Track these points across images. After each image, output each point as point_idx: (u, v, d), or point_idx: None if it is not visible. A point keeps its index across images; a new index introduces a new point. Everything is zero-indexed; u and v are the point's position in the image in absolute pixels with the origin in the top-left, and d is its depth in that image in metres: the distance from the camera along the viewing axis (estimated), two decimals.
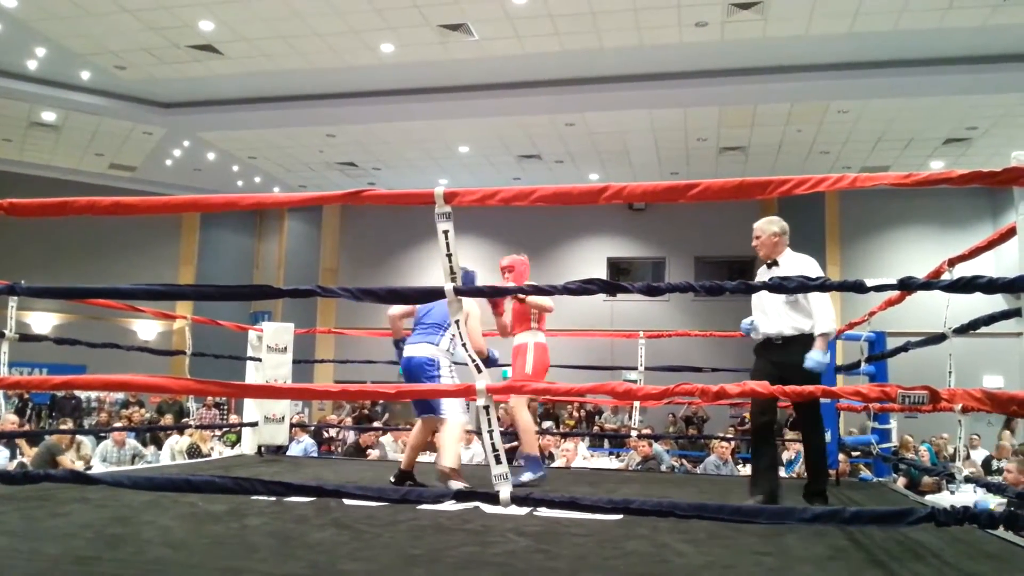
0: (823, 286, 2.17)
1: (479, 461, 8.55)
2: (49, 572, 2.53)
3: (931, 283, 2.25)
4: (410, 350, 4.90)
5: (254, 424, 6.73)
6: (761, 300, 4.34)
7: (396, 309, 5.19)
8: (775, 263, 4.34)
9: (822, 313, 4.14)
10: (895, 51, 10.77)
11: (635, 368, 6.84)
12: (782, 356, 4.21)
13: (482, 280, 5.25)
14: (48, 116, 13.86)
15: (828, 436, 5.51)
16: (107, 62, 11.97)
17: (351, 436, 10.54)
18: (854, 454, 6.53)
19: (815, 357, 4.05)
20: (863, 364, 5.52)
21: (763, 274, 4.35)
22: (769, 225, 4.43)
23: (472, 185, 2.59)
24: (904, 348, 4.64)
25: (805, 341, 4.14)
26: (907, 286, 2.26)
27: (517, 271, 5.23)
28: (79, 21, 10.58)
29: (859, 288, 2.20)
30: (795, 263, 4.28)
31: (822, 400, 5.19)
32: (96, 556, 2.78)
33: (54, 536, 3.07)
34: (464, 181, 16.07)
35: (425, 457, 6.76)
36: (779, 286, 2.13)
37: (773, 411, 4.35)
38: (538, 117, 13.28)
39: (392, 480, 4.89)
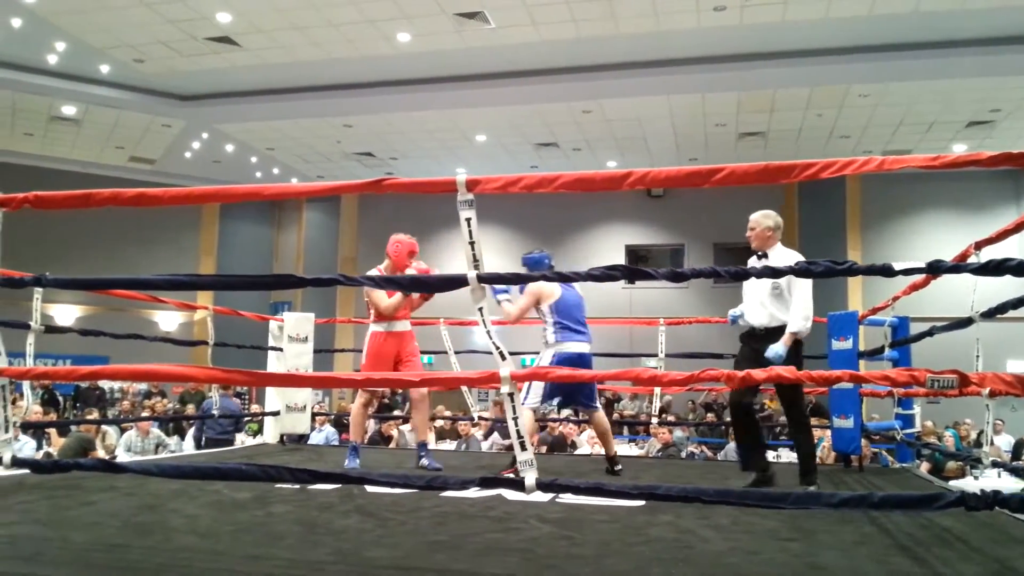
0: (850, 270, 2.15)
1: (497, 448, 8.58)
2: (79, 560, 2.56)
3: (960, 266, 2.22)
4: (583, 347, 5.01)
5: (276, 413, 6.78)
6: (750, 290, 4.49)
7: (520, 305, 5.08)
8: (765, 255, 4.46)
9: (798, 309, 4.25)
10: (916, 33, 10.62)
11: (655, 355, 6.81)
12: (762, 346, 4.34)
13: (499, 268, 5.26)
14: (68, 110, 13.97)
15: (851, 422, 5.49)
16: (126, 55, 12.04)
17: (372, 425, 10.59)
18: (874, 438, 6.48)
19: (776, 349, 4.21)
20: (887, 349, 5.46)
21: (753, 264, 4.47)
22: (765, 219, 4.56)
23: (489, 174, 2.57)
24: (930, 332, 4.59)
25: (783, 333, 4.27)
26: (936, 269, 2.24)
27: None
28: (98, 15, 10.64)
29: (887, 272, 2.18)
30: (784, 258, 4.38)
31: (845, 385, 5.17)
32: (125, 544, 2.81)
33: (83, 524, 3.10)
34: (481, 170, 16.01)
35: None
36: (806, 270, 2.11)
37: (752, 393, 4.63)
38: (555, 105, 13.23)
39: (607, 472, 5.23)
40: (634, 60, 11.72)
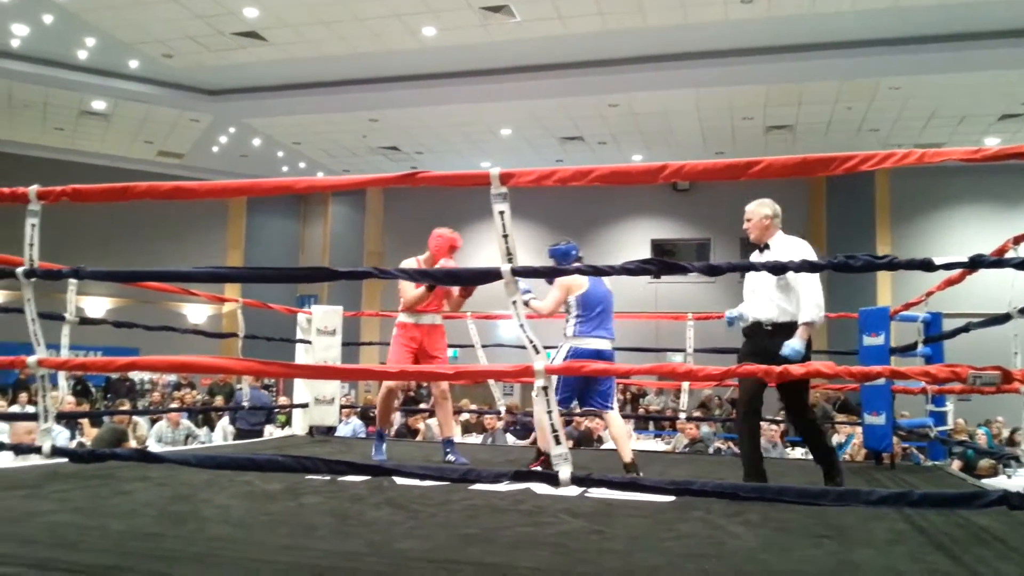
0: (891, 264, 2.13)
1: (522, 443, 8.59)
2: (117, 548, 2.59)
3: (1003, 261, 2.19)
4: (602, 344, 4.84)
5: (304, 405, 6.83)
6: (753, 283, 4.26)
7: (551, 302, 5.07)
8: (767, 247, 4.24)
9: (808, 299, 4.02)
10: (947, 24, 10.45)
11: (682, 350, 6.78)
12: (770, 343, 4.10)
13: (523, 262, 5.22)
14: (98, 105, 14.13)
15: (883, 418, 5.44)
16: (155, 51, 12.16)
17: (398, 418, 10.64)
18: (901, 434, 6.42)
19: (793, 345, 3.97)
20: (920, 345, 5.40)
21: (755, 259, 4.21)
22: (760, 208, 4.29)
23: (513, 167, 2.57)
24: (965, 328, 4.52)
25: (794, 329, 4.05)
26: (978, 264, 2.20)
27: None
28: (127, 10, 10.75)
29: (928, 266, 2.15)
30: (788, 246, 4.17)
31: (877, 382, 5.11)
32: (160, 533, 2.85)
33: (119, 513, 3.15)
34: (506, 164, 15.84)
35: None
36: (845, 265, 2.08)
37: (759, 398, 4.29)
38: (580, 98, 13.19)
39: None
40: (661, 53, 11.64)
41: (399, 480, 3.93)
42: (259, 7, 10.58)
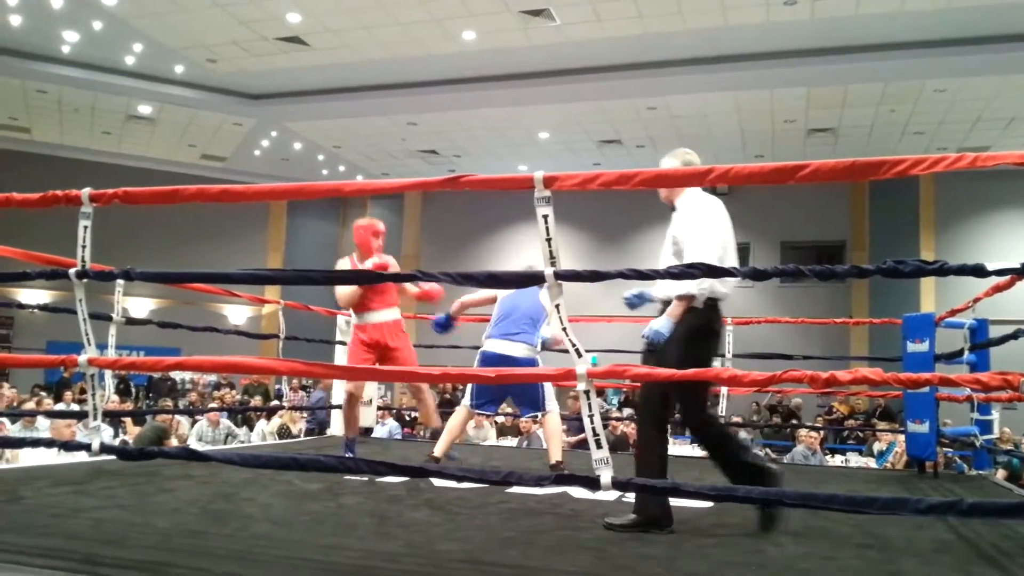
0: (941, 270, 2.08)
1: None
2: (163, 545, 2.64)
3: None
4: (504, 347, 4.88)
5: (342, 406, 6.89)
6: (660, 257, 3.48)
7: (476, 296, 5.23)
8: (675, 208, 3.49)
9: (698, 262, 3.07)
10: (994, 26, 10.23)
11: (721, 355, 6.71)
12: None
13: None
14: (144, 109, 14.42)
15: (927, 426, 5.34)
16: (199, 56, 12.38)
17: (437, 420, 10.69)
18: (945, 443, 6.29)
19: (655, 325, 3.17)
20: (966, 352, 5.29)
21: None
22: (670, 160, 3.53)
23: (551, 171, 2.56)
24: (1015, 336, 4.41)
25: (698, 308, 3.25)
26: None
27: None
28: (173, 17, 10.96)
29: (980, 271, 2.11)
30: (688, 207, 3.41)
31: (922, 389, 5.00)
32: (204, 531, 2.90)
33: (164, 511, 3.21)
34: (543, 167, 15.71)
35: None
36: (894, 270, 2.04)
37: (669, 399, 3.31)
38: (619, 102, 13.14)
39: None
40: (700, 56, 11.56)
41: (436, 481, 3.95)
42: (302, 12, 10.72)
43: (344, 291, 5.08)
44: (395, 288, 5.23)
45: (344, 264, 5.31)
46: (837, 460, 9.22)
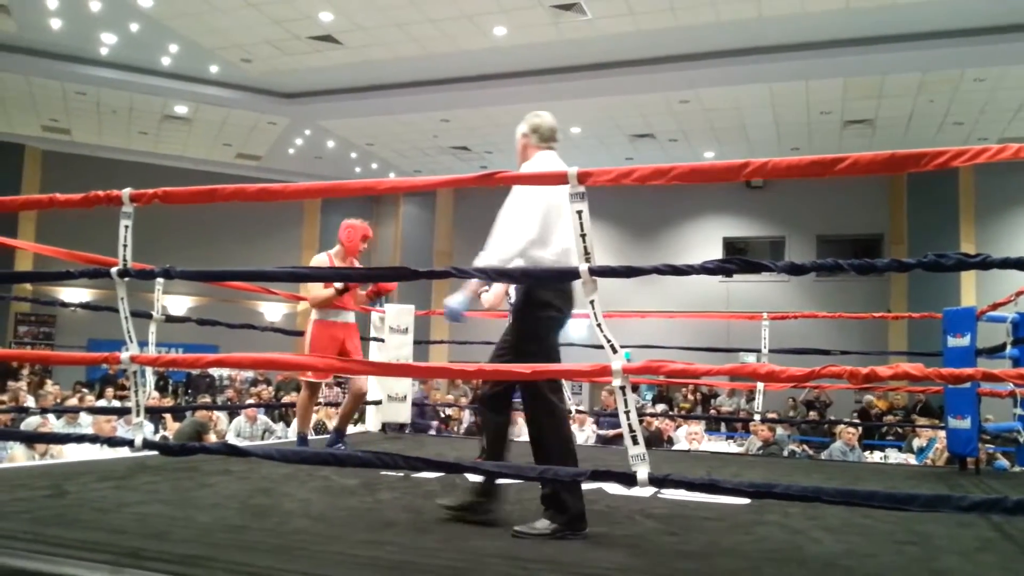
0: (984, 263, 2.04)
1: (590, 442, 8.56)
2: (204, 539, 2.69)
3: None
4: None
5: (378, 403, 6.95)
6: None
7: (327, 293, 5.11)
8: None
9: (498, 236, 2.98)
10: None
11: (756, 350, 6.65)
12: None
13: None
14: (180, 109, 14.63)
15: (968, 422, 5.24)
16: (234, 56, 12.52)
17: (467, 415, 10.74)
18: (986, 439, 6.18)
19: (449, 301, 2.96)
20: (1008, 347, 5.19)
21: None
22: (521, 125, 3.42)
23: (583, 166, 2.55)
24: None
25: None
26: None
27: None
28: (208, 17, 11.10)
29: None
30: (535, 166, 3.30)
31: (963, 385, 4.91)
32: (244, 525, 2.94)
33: (204, 505, 3.26)
34: (575, 162, 15.72)
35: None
36: (935, 264, 2.00)
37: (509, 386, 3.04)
38: (651, 95, 13.06)
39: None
40: (734, 48, 11.43)
41: (470, 477, 3.97)
42: (334, 11, 10.80)
43: (323, 295, 5.06)
44: (354, 293, 5.33)
45: (321, 260, 5.33)
46: (875, 457, 9.09)
